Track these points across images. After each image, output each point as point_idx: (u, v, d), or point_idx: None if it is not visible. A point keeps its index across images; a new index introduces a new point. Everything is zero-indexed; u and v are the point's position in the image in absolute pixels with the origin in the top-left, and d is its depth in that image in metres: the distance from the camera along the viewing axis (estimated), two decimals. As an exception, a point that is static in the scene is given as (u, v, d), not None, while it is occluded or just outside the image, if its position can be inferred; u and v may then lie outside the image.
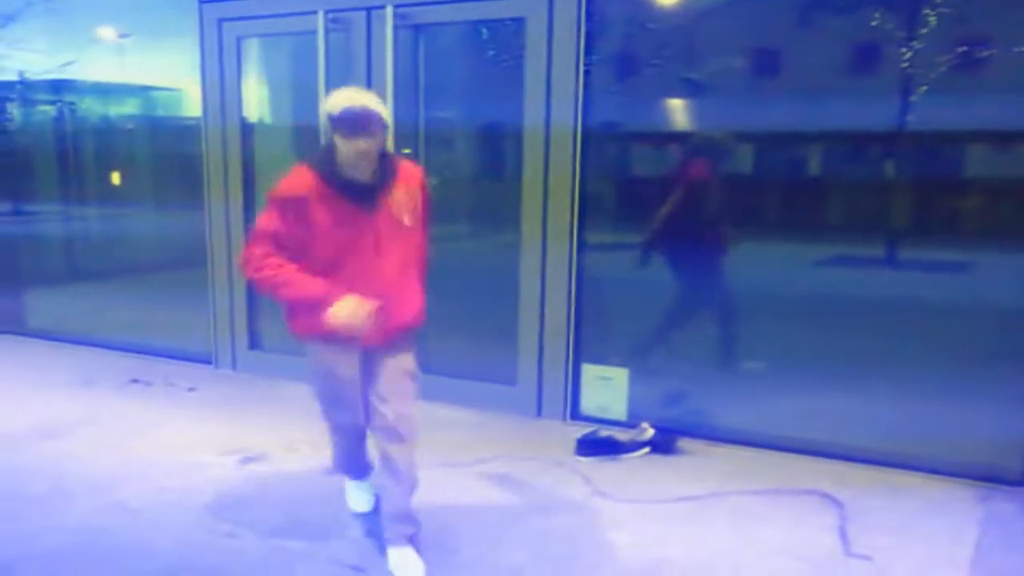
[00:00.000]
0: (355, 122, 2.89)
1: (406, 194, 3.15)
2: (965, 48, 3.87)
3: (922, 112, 4.01)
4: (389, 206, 3.10)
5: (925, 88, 3.97)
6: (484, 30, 5.04)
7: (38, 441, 4.62)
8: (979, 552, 3.39)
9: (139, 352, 6.52)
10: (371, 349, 3.21)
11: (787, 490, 4.00)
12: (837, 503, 3.83)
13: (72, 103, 6.97)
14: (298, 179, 3.04)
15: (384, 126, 2.98)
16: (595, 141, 4.68)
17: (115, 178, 6.84)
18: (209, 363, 6.18)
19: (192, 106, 6.08)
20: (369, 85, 5.13)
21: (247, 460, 4.37)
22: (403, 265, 3.18)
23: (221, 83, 5.77)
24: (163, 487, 4.03)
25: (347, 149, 2.93)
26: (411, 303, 3.24)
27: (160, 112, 6.73)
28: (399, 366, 3.25)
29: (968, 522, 3.66)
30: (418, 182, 3.24)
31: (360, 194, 3.03)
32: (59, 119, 7.06)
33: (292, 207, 3.01)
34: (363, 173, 3.02)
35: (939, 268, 4.16)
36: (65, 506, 3.83)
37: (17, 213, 7.40)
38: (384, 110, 2.97)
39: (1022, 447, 3.96)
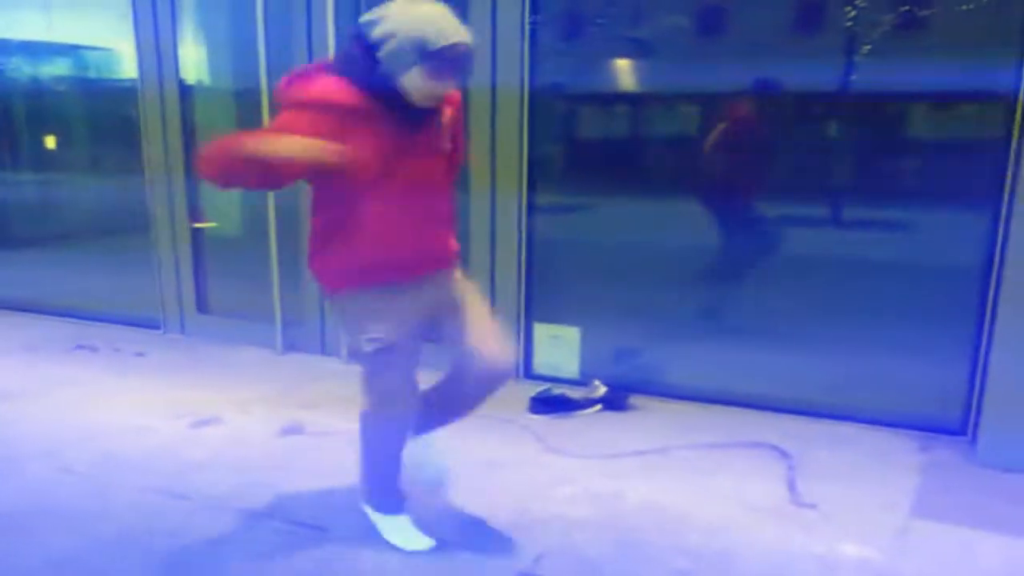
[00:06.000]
0: (458, 64, 2.50)
1: (449, 117, 2.78)
2: (908, 8, 3.93)
3: (865, 72, 4.07)
4: (436, 129, 2.73)
5: (868, 48, 4.02)
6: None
7: (-20, 410, 4.54)
8: (920, 497, 3.52)
9: (83, 319, 6.41)
10: (424, 286, 2.86)
11: (736, 443, 4.09)
12: (785, 454, 3.94)
13: (-1, 63, 6.76)
14: (335, 88, 2.54)
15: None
16: (542, 103, 4.67)
17: (50, 142, 6.67)
18: (157, 328, 6.10)
19: (126, 68, 5.94)
20: (309, 40, 5.06)
21: (199, 423, 4.33)
22: (446, 192, 2.89)
23: (156, 43, 5.63)
24: (113, 451, 3.97)
25: (427, 88, 2.52)
26: (451, 229, 2.96)
27: (92, 73, 6.55)
28: (473, 296, 2.98)
29: (909, 470, 3.78)
30: (457, 103, 2.85)
31: (414, 116, 2.62)
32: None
33: (327, 118, 2.50)
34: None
35: (882, 227, 4.26)
36: (12, 471, 3.76)
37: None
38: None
39: (962, 398, 4.09)
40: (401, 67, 2.50)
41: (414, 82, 2.51)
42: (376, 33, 2.50)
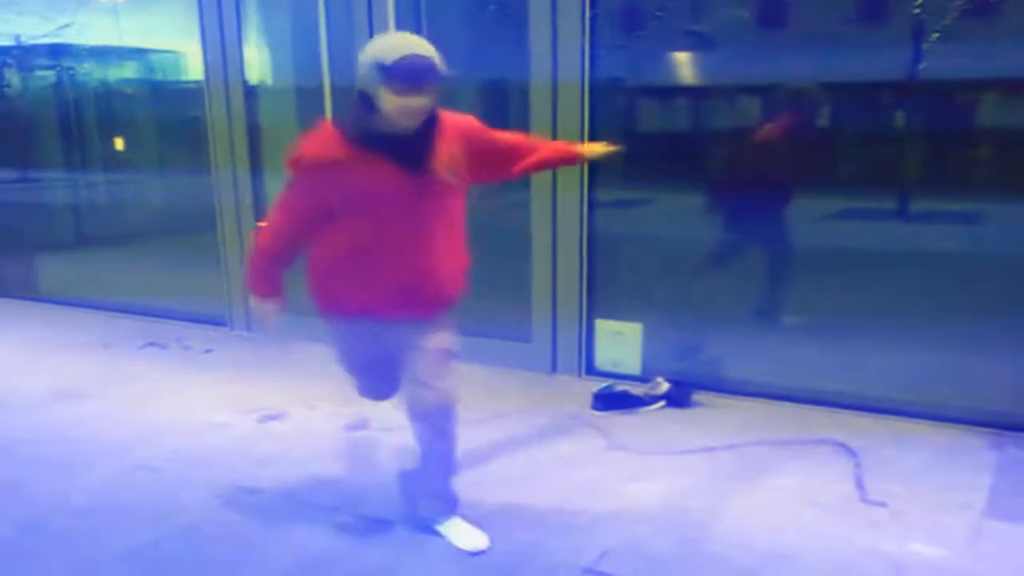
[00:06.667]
0: (414, 76, 2.50)
1: (451, 149, 2.77)
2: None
3: (934, 60, 3.98)
4: (435, 166, 2.72)
5: (937, 35, 3.94)
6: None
7: (56, 404, 4.67)
8: (992, 497, 3.44)
9: (153, 316, 6.56)
10: (408, 326, 2.89)
11: (801, 440, 4.04)
12: (851, 452, 3.88)
13: (71, 68, 6.93)
14: (325, 141, 2.64)
15: (442, 79, 2.57)
16: (602, 97, 4.66)
17: (118, 143, 6.83)
18: (224, 325, 6.22)
19: (191, 69, 6.05)
20: (371, 37, 5.09)
21: (266, 419, 4.42)
22: (451, 231, 2.86)
23: (222, 44, 5.73)
24: (184, 447, 4.07)
25: (396, 106, 2.54)
26: (457, 273, 2.94)
27: (159, 76, 6.69)
28: (438, 346, 2.92)
29: (981, 468, 3.70)
30: (463, 133, 2.84)
31: (405, 154, 2.65)
32: (59, 84, 7.03)
33: (320, 176, 2.64)
34: (407, 130, 2.61)
35: (950, 219, 4.17)
36: (87, 468, 3.86)
37: (21, 180, 7.40)
38: (440, 58, 2.56)
39: (1034, 393, 4.00)
40: (371, 89, 2.56)
41: (385, 102, 2.56)
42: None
